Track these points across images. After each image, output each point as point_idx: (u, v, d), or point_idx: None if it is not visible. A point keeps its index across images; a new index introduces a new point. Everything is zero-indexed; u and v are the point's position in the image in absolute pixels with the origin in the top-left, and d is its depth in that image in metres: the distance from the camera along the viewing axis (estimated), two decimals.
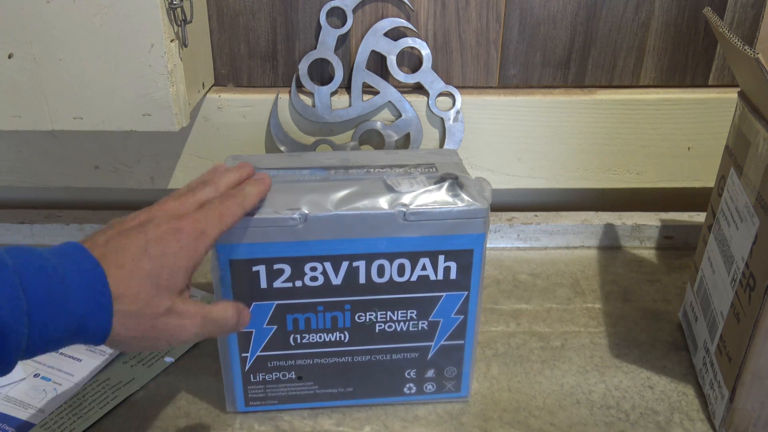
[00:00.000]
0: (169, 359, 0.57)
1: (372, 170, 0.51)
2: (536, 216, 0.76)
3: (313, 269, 0.47)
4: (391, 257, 0.47)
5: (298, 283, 0.48)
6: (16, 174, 0.77)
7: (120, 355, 0.57)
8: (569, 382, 0.56)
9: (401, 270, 0.48)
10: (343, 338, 0.50)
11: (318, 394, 0.52)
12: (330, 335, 0.50)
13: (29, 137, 0.74)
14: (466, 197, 0.47)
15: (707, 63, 0.74)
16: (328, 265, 0.47)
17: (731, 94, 0.73)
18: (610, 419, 0.52)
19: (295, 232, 0.46)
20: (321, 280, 0.48)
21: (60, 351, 0.56)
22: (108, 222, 0.41)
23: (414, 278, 0.48)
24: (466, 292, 0.49)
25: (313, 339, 0.50)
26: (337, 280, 0.48)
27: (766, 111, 0.47)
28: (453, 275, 0.49)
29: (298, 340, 0.50)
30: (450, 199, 0.47)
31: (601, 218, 0.76)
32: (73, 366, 0.56)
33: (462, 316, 0.50)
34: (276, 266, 0.47)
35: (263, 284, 0.47)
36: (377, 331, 0.50)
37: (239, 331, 0.46)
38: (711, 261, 0.56)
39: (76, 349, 0.57)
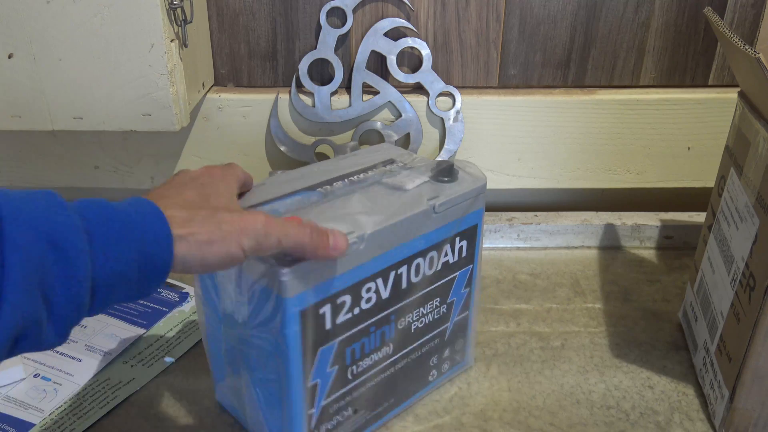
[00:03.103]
0: (169, 359, 0.57)
1: (352, 178, 0.49)
2: (536, 216, 0.76)
3: (368, 290, 0.44)
4: (424, 253, 0.47)
5: (356, 311, 0.44)
6: (16, 174, 0.77)
7: (120, 355, 0.57)
8: (569, 382, 0.56)
9: (431, 263, 0.48)
10: (389, 351, 0.48)
11: (368, 420, 0.49)
12: (379, 353, 0.47)
13: (29, 137, 0.74)
14: (469, 177, 0.48)
15: (707, 63, 0.74)
16: (379, 282, 0.45)
17: (731, 94, 0.73)
18: (610, 419, 0.52)
19: (357, 256, 0.42)
20: (374, 299, 0.45)
21: (60, 351, 0.57)
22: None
23: (439, 267, 0.49)
24: (472, 265, 0.51)
25: (366, 364, 0.47)
26: (385, 293, 0.45)
27: (766, 111, 0.47)
28: (464, 253, 0.50)
29: (355, 371, 0.46)
30: (458, 183, 0.48)
31: (601, 218, 0.76)
32: (73, 366, 0.56)
33: (468, 289, 0.51)
34: (339, 300, 0.43)
35: (328, 325, 0.43)
36: (413, 330, 0.49)
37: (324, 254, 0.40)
38: (711, 261, 0.56)
39: (76, 349, 0.57)
